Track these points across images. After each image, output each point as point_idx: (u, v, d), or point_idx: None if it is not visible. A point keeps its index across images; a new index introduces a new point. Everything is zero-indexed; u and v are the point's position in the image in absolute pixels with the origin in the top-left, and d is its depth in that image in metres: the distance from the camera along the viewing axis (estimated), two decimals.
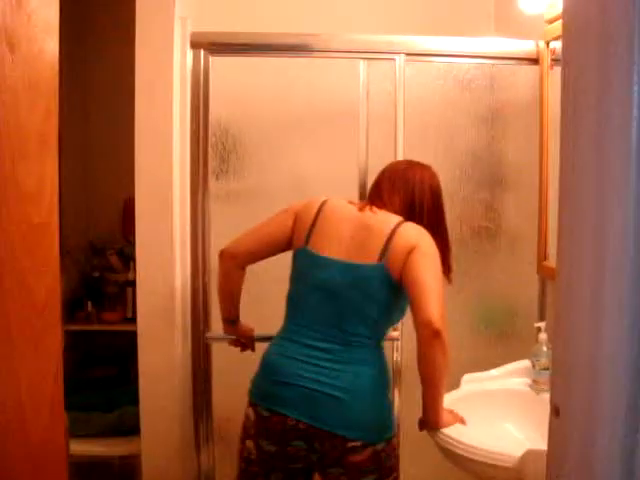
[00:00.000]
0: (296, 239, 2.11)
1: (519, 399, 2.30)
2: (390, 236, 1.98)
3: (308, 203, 2.13)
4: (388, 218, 2.04)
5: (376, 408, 2.01)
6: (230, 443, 2.41)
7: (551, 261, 2.51)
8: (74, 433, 2.73)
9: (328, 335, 2.00)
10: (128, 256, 3.24)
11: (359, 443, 1.93)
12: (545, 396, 2.16)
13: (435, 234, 2.05)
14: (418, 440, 2.25)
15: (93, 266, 3.43)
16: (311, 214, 2.09)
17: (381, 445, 1.97)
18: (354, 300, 2.00)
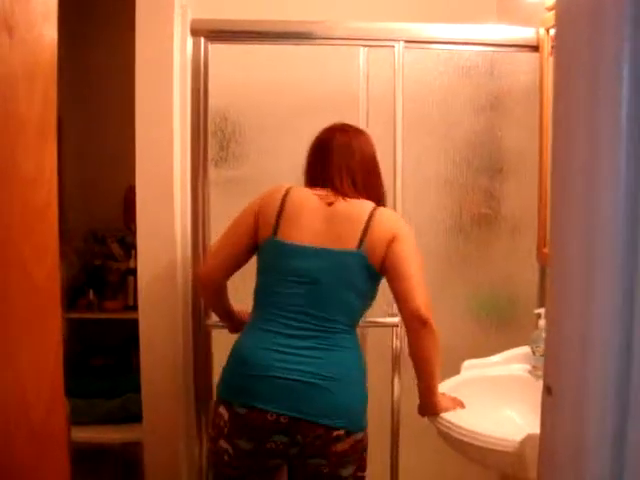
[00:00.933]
0: (262, 231, 2.05)
1: (519, 385, 2.31)
2: (367, 223, 1.98)
3: (270, 193, 2.09)
4: (361, 204, 2.03)
5: (358, 395, 2.01)
6: None
7: None
8: (77, 420, 2.75)
9: (305, 323, 1.96)
10: (129, 244, 3.24)
11: (342, 432, 1.91)
12: None
13: (380, 194, 2.12)
14: (419, 426, 2.26)
15: (94, 254, 3.43)
16: (275, 204, 2.04)
17: (360, 434, 1.98)
18: (332, 287, 1.97)
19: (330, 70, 2.66)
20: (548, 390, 0.84)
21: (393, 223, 2.03)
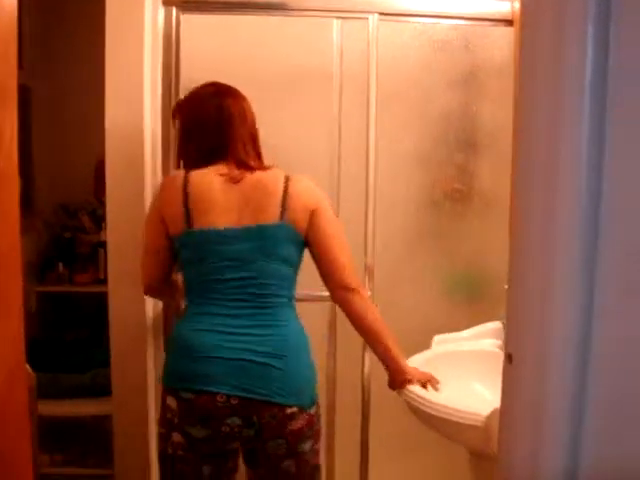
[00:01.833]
0: (174, 226, 1.96)
1: (489, 360, 2.31)
2: (284, 194, 1.94)
3: (167, 187, 2.00)
4: (272, 175, 1.98)
5: (307, 370, 1.99)
6: None
7: None
8: (47, 393, 2.74)
9: (246, 302, 1.93)
10: (100, 217, 3.22)
11: (296, 409, 1.90)
12: None
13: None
14: (388, 401, 2.27)
15: (65, 227, 3.40)
16: (177, 196, 1.93)
17: (313, 409, 1.97)
18: (264, 263, 1.93)
19: (304, 43, 2.63)
20: (509, 358, 0.84)
21: (311, 193, 1.99)
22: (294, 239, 1.96)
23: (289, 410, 1.88)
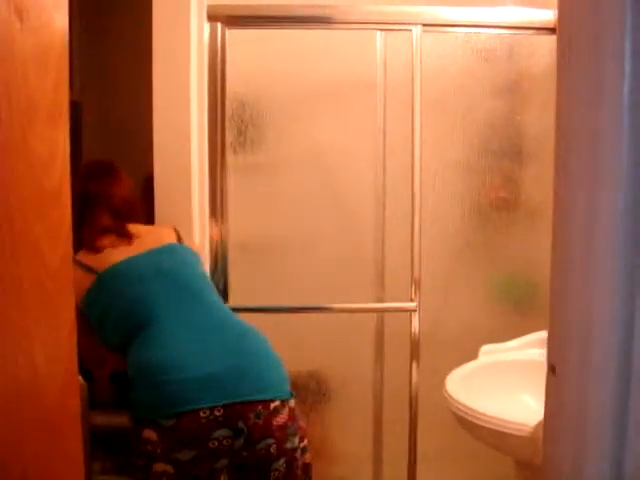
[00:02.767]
0: (83, 288, 1.97)
1: (537, 370, 2.27)
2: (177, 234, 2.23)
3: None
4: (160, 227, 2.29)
5: (278, 362, 1.97)
6: None
7: None
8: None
9: (197, 313, 1.96)
10: None
11: (278, 402, 1.86)
12: None
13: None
14: (435, 411, 2.26)
15: None
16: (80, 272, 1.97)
17: (292, 401, 1.93)
18: (192, 274, 2.08)
19: (347, 55, 2.65)
20: (552, 369, 0.84)
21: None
22: (195, 256, 2.24)
23: (272, 405, 1.84)
